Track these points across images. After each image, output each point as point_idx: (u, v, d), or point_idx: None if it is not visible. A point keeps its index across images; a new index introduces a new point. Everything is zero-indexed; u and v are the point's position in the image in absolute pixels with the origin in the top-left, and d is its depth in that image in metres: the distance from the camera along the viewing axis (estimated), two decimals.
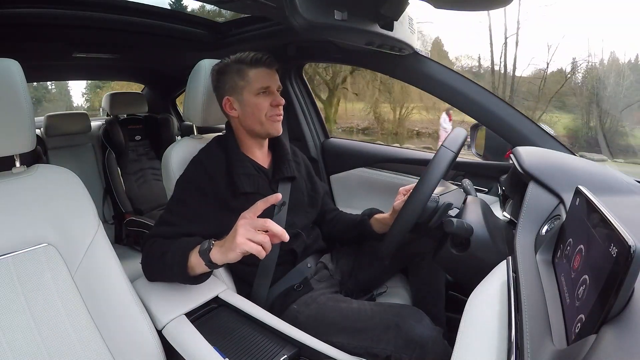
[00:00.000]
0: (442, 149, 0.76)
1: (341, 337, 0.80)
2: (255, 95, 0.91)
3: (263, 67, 0.91)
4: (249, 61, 0.91)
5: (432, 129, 10.84)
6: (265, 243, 0.66)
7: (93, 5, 1.13)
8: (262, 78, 0.91)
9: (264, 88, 0.91)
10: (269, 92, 0.92)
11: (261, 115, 0.92)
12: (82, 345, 0.68)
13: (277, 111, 0.94)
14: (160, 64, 2.06)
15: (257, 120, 0.92)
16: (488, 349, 0.43)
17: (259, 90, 0.91)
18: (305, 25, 0.68)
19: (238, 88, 0.92)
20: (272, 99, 0.92)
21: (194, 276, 0.78)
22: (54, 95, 14.08)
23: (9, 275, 0.64)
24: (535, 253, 0.54)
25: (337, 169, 1.56)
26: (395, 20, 0.85)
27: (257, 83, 0.91)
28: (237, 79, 0.92)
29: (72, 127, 1.95)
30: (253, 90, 0.91)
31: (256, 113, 0.92)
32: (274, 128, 0.94)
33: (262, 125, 0.93)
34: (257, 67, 0.91)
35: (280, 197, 0.69)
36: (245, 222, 0.67)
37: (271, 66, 0.93)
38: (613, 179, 0.69)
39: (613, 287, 0.31)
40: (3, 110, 0.64)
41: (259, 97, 0.91)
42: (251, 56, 0.91)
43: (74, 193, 0.75)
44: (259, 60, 0.91)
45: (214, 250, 0.72)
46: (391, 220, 0.90)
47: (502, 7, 0.68)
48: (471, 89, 1.07)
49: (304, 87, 1.62)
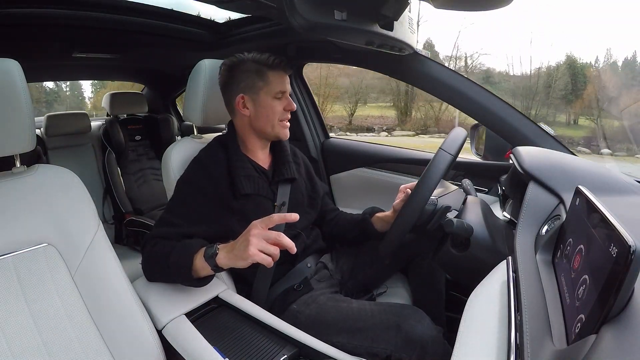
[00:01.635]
0: (440, 152, 0.76)
1: (341, 337, 0.80)
2: (272, 98, 0.92)
3: (280, 70, 0.92)
4: (270, 63, 0.91)
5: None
6: (276, 255, 0.67)
7: (93, 5, 1.13)
8: (281, 82, 0.92)
9: (282, 92, 0.92)
10: (284, 97, 0.94)
11: (274, 119, 0.93)
12: (82, 345, 0.68)
13: (287, 116, 0.95)
14: (160, 64, 2.05)
15: (269, 122, 0.93)
16: (488, 348, 0.43)
17: (277, 93, 0.92)
18: (305, 25, 0.68)
19: (255, 88, 0.92)
20: (287, 103, 0.94)
21: (198, 278, 0.78)
22: (66, 96, 13.88)
23: (9, 275, 0.64)
24: (535, 253, 0.54)
25: (337, 169, 1.56)
26: (395, 20, 0.85)
27: (276, 86, 0.91)
28: (256, 78, 0.91)
29: (72, 127, 1.95)
30: (271, 93, 0.92)
31: (270, 116, 0.93)
32: (283, 133, 0.96)
33: (273, 128, 0.94)
34: (277, 71, 0.92)
35: (298, 217, 0.71)
36: (258, 233, 0.67)
37: (287, 71, 0.94)
38: (613, 179, 0.69)
39: (613, 287, 0.31)
40: (3, 110, 0.64)
41: (275, 100, 0.92)
42: (272, 59, 0.91)
43: (74, 193, 0.75)
44: (279, 64, 0.92)
45: (220, 255, 0.72)
46: (392, 219, 0.90)
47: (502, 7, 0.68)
48: (471, 89, 1.07)
49: (304, 87, 1.62)
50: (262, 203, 0.93)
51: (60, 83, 11.77)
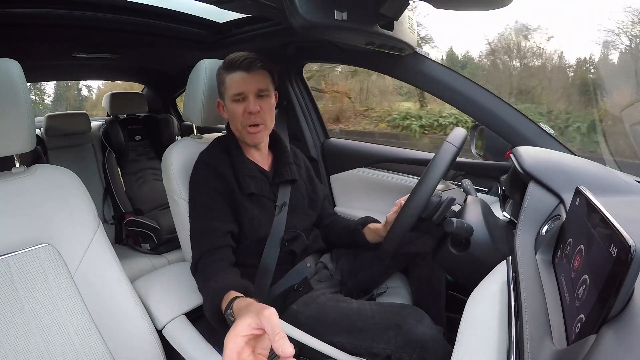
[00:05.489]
0: (446, 144, 0.77)
1: (341, 337, 0.80)
2: (231, 102, 0.89)
3: (239, 70, 0.87)
4: (225, 65, 0.89)
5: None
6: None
7: (93, 5, 1.13)
8: (236, 83, 0.88)
9: (237, 94, 0.88)
10: (244, 99, 0.88)
11: (237, 123, 0.90)
12: (82, 345, 0.68)
13: (251, 120, 0.88)
14: (160, 64, 2.06)
15: (236, 127, 0.92)
16: (488, 348, 0.43)
17: (233, 97, 0.88)
18: (305, 25, 0.67)
19: (222, 93, 0.92)
20: (246, 105, 0.87)
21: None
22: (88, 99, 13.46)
23: (9, 275, 0.64)
24: (535, 253, 0.54)
25: (337, 169, 1.56)
26: (395, 20, 0.85)
27: (231, 89, 0.88)
28: (220, 84, 0.92)
29: (72, 127, 1.95)
30: (229, 97, 0.89)
31: (233, 120, 0.91)
32: (250, 138, 0.91)
33: (240, 133, 0.91)
34: (232, 72, 0.88)
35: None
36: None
37: (250, 69, 0.87)
38: (613, 179, 0.69)
39: (613, 287, 0.31)
40: (3, 110, 0.64)
41: (234, 104, 0.89)
42: (228, 60, 0.88)
43: (74, 193, 0.75)
44: (233, 64, 0.87)
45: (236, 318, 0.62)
46: (384, 232, 0.89)
47: (502, 7, 0.68)
48: (471, 89, 1.07)
49: (304, 87, 1.62)
50: (265, 203, 0.93)
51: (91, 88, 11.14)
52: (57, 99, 9.03)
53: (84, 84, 9.03)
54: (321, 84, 6.87)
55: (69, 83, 8.80)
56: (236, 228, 0.87)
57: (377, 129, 6.31)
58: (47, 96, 8.96)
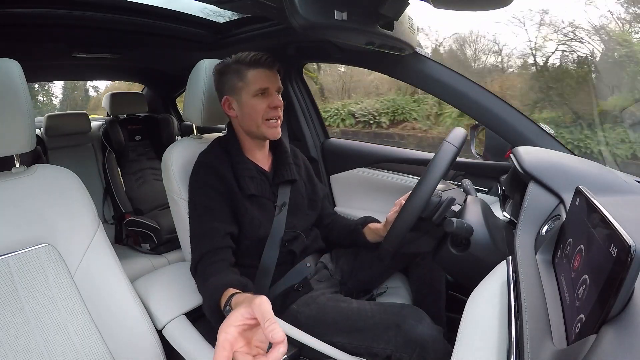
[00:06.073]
0: (446, 144, 0.77)
1: (341, 337, 0.80)
2: (252, 96, 0.90)
3: (262, 67, 0.90)
4: (248, 61, 0.90)
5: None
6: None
7: (93, 5, 1.13)
8: (261, 79, 0.90)
9: (262, 89, 0.90)
10: (267, 94, 0.91)
11: (258, 118, 0.91)
12: (82, 345, 0.68)
13: (274, 113, 0.91)
14: (160, 64, 2.05)
15: (253, 122, 0.92)
16: (488, 348, 0.43)
17: (257, 91, 0.90)
18: (305, 25, 0.67)
19: (237, 89, 0.91)
20: (270, 100, 0.91)
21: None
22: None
23: (9, 275, 0.64)
24: (535, 253, 0.54)
25: (337, 169, 1.56)
26: (395, 20, 0.85)
27: (254, 84, 0.89)
28: (236, 79, 0.91)
29: (72, 127, 1.95)
30: (251, 92, 0.90)
31: (253, 115, 0.91)
32: (270, 133, 0.92)
33: (258, 128, 0.92)
34: (256, 68, 0.90)
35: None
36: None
37: (271, 67, 0.91)
38: (613, 179, 0.69)
39: (613, 287, 0.31)
40: (3, 110, 0.64)
41: (256, 99, 0.90)
42: (250, 56, 0.90)
43: (74, 193, 0.75)
44: (258, 61, 0.89)
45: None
46: (384, 232, 0.89)
47: (502, 7, 0.68)
48: (471, 89, 1.07)
49: (304, 87, 1.62)
50: (264, 204, 0.93)
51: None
52: (64, 100, 9.03)
53: (91, 84, 9.02)
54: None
55: (76, 84, 8.80)
56: (236, 229, 0.87)
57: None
58: (54, 97, 8.97)
